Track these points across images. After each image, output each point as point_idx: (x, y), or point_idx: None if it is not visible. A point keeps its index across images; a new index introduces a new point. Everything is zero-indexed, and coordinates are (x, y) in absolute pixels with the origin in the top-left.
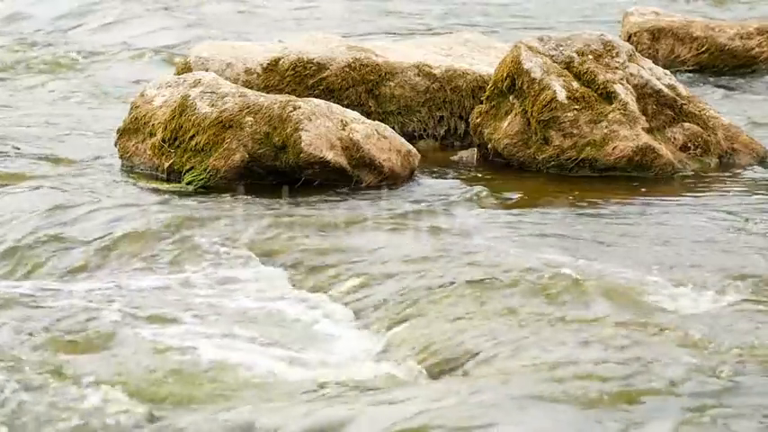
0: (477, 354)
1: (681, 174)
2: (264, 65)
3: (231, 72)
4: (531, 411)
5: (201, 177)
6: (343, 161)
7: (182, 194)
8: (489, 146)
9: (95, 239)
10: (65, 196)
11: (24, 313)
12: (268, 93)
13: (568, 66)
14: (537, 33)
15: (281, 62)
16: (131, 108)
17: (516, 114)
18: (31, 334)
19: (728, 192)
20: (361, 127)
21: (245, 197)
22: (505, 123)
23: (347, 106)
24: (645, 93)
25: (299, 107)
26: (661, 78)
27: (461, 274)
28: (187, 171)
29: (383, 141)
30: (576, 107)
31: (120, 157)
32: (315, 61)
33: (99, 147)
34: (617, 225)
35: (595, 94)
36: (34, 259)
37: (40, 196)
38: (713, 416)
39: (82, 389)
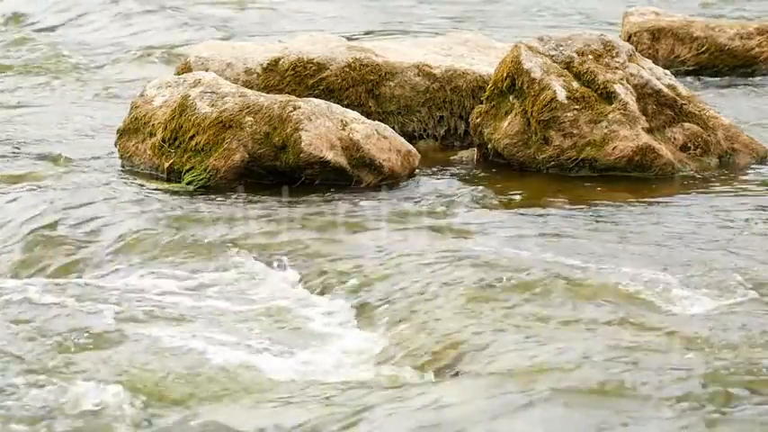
0: (477, 353)
1: (681, 174)
2: (264, 65)
3: (231, 72)
4: (532, 411)
5: (201, 177)
6: (343, 161)
7: (182, 194)
8: (489, 146)
9: (95, 239)
10: (65, 196)
11: (24, 313)
12: (268, 93)
13: (568, 66)
14: (537, 33)
15: (281, 62)
16: (131, 108)
17: (516, 114)
18: (30, 333)
19: (728, 192)
20: (361, 127)
21: (245, 197)
22: (505, 123)
23: (347, 106)
24: (645, 93)
25: (299, 107)
26: (661, 78)
27: (461, 273)
28: (187, 171)
29: (383, 141)
30: (576, 107)
31: (120, 157)
32: (315, 61)
33: (99, 147)
34: (617, 225)
35: (595, 94)
36: (34, 259)
37: (40, 196)
38: (713, 416)
39: (82, 388)
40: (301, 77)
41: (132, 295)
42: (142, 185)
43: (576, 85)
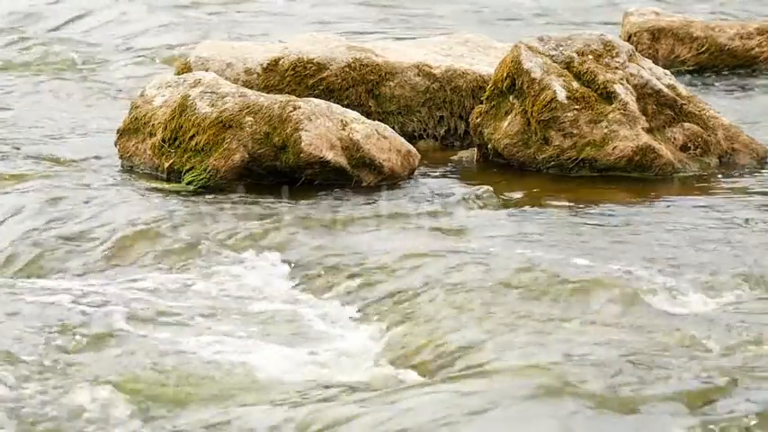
0: (477, 354)
1: (681, 174)
2: (264, 65)
3: (231, 72)
4: (531, 411)
5: (201, 177)
6: (343, 161)
7: (182, 194)
8: (489, 146)
9: (95, 239)
10: (65, 196)
11: (24, 313)
12: (268, 93)
13: (568, 66)
14: (537, 33)
15: (281, 62)
16: (131, 108)
17: (516, 114)
18: (30, 333)
19: (728, 192)
20: (361, 127)
21: (245, 197)
22: (505, 123)
23: (347, 106)
24: (645, 93)
25: (299, 107)
26: (661, 78)
27: (461, 273)
28: (187, 171)
29: (383, 141)
30: (576, 107)
31: (120, 157)
32: (315, 61)
33: (99, 147)
34: (616, 225)
35: (595, 94)
36: (34, 259)
37: (40, 196)
38: (713, 416)
39: (81, 388)
40: (301, 77)
41: (131, 295)
42: (142, 185)
43: (575, 85)
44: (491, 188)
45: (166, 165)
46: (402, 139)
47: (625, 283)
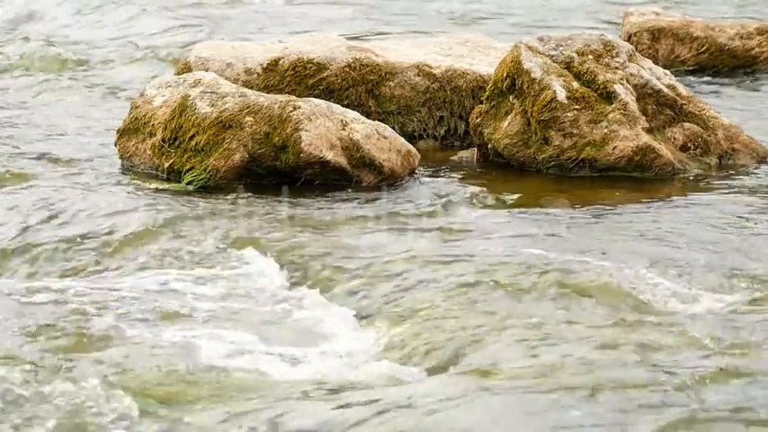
0: (476, 353)
1: (681, 174)
2: (264, 65)
3: (231, 72)
4: (531, 410)
5: (201, 177)
6: (343, 161)
7: (182, 194)
8: (489, 146)
9: (95, 239)
10: (64, 196)
11: (24, 313)
12: (268, 93)
13: (568, 66)
14: (537, 33)
15: (281, 62)
16: (131, 108)
17: (516, 114)
18: (30, 333)
19: (728, 192)
20: (361, 127)
21: (245, 197)
22: (505, 123)
23: (347, 106)
24: (645, 93)
25: (299, 107)
26: (661, 78)
27: (461, 273)
28: (187, 171)
29: (383, 141)
30: (576, 107)
31: (120, 157)
32: (315, 61)
33: (99, 147)
34: (616, 225)
35: (595, 94)
36: (34, 259)
37: (40, 196)
38: (713, 415)
39: (81, 388)
40: (301, 77)
41: (131, 295)
42: (142, 185)
43: (576, 85)
44: (491, 188)
45: (166, 165)
46: (402, 139)
47: (624, 283)
